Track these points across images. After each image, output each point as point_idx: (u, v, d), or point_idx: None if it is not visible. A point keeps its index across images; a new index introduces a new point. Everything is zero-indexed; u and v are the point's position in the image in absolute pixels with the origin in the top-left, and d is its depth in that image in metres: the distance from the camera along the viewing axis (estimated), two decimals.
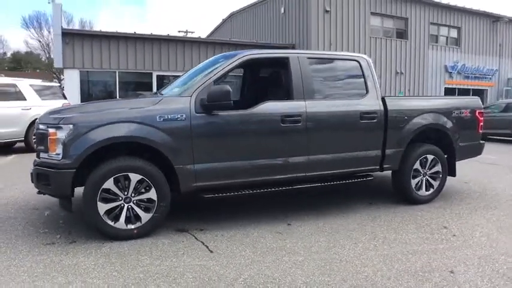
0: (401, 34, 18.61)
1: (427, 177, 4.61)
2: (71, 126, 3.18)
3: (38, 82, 10.00)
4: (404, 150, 4.38)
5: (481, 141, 5.06)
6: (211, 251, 3.15)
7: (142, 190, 3.36)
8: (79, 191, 3.36)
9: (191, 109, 3.40)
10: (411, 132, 4.36)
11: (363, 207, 4.43)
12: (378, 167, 4.30)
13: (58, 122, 3.23)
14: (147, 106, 3.39)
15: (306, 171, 3.87)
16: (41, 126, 3.38)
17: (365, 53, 16.93)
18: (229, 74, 3.79)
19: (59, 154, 3.19)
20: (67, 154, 3.16)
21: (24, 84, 9.24)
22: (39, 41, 40.28)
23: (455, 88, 20.09)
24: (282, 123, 3.68)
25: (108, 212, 3.28)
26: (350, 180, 4.19)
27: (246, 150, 3.61)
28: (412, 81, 18.62)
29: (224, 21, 27.58)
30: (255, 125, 3.63)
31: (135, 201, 3.35)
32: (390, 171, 4.61)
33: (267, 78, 4.55)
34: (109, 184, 3.23)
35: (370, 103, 4.14)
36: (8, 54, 45.34)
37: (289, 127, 3.71)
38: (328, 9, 16.41)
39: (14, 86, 9.07)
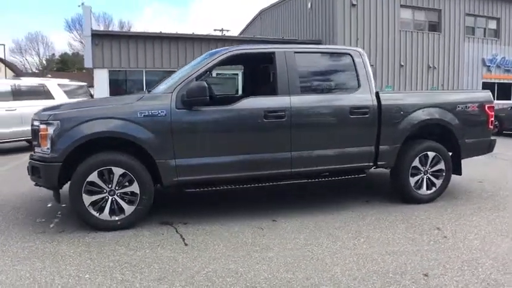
0: (434, 27, 17.68)
1: (428, 175, 4.38)
2: (58, 122, 3.36)
3: (66, 82, 10.59)
4: (402, 146, 4.19)
5: (492, 138, 4.72)
6: (186, 244, 3.21)
7: (126, 183, 3.48)
8: None
9: (172, 105, 3.47)
10: (408, 128, 4.16)
11: (358, 205, 4.29)
12: (371, 163, 4.15)
13: (47, 118, 3.43)
14: (130, 103, 3.51)
15: (292, 167, 3.81)
16: (35, 123, 3.60)
17: (395, 48, 16.37)
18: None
19: (48, 148, 3.39)
20: (54, 148, 3.35)
21: (53, 84, 9.81)
22: (81, 42, 42.60)
23: (494, 83, 18.78)
24: (265, 119, 3.66)
25: (93, 204, 3.43)
26: (341, 177, 4.08)
27: (227, 145, 3.63)
28: (446, 76, 17.66)
29: (255, 18, 27.66)
30: (236, 121, 3.64)
31: (119, 194, 3.48)
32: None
33: (257, 73, 4.53)
34: (93, 177, 3.38)
35: (362, 98, 3.99)
36: (57, 56, 48.52)
37: (273, 122, 3.68)
38: (354, 2, 15.95)
39: (43, 85, 9.66)
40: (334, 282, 2.57)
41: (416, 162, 4.28)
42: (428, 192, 4.39)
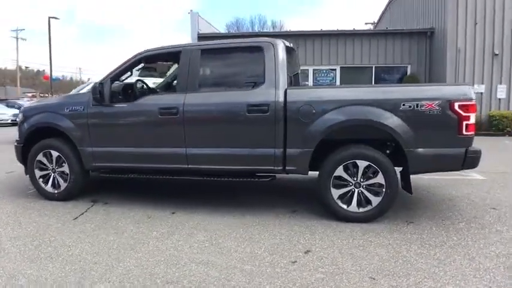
0: None
1: (361, 189, 3.66)
2: (22, 114, 4.50)
3: (157, 80, 12.63)
4: (317, 151, 3.67)
5: (472, 148, 3.48)
6: (75, 218, 3.83)
7: (63, 164, 4.36)
8: None
9: (89, 102, 4.14)
10: (323, 129, 3.55)
11: (273, 213, 3.91)
12: (279, 168, 3.78)
13: (20, 111, 4.62)
14: (62, 100, 4.37)
15: (188, 164, 3.90)
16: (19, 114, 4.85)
17: None
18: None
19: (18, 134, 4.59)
20: (19, 134, 4.52)
21: (149, 83, 11.90)
22: None
23: None
24: (159, 115, 3.90)
25: (43, 177, 4.45)
26: (245, 179, 3.89)
27: (128, 138, 4.04)
28: None
29: (385, 10, 26.00)
30: (135, 116, 4.00)
31: (58, 173, 4.39)
32: None
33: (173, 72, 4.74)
34: (40, 157, 4.40)
35: (263, 94, 3.65)
36: None
37: (166, 119, 3.86)
38: None
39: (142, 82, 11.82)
40: (107, 270, 2.70)
41: (340, 171, 3.62)
42: (362, 210, 3.60)
